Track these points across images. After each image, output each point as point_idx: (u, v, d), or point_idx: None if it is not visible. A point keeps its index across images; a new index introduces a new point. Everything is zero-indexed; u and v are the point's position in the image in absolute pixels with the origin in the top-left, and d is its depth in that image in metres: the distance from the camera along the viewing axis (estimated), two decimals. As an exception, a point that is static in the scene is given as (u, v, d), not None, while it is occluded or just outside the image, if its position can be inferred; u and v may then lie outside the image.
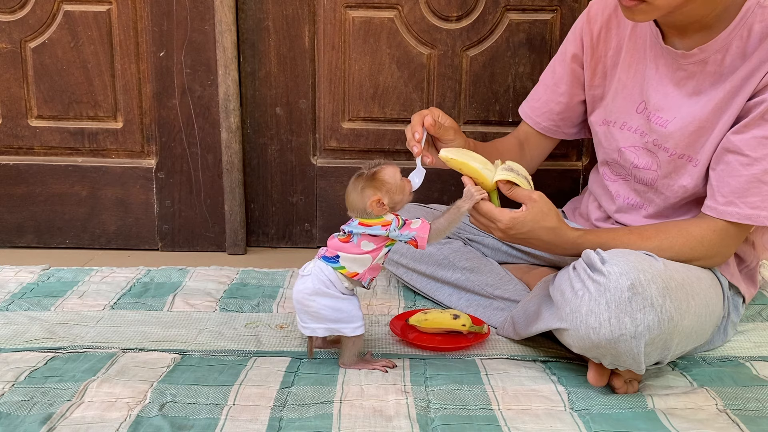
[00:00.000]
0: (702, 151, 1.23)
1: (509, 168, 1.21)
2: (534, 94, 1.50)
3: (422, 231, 1.17)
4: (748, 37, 1.16)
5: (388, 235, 1.18)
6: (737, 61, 1.18)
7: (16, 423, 1.04)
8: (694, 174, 1.25)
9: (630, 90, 1.32)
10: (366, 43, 1.84)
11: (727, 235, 1.22)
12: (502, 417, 1.08)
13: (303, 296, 1.21)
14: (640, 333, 1.06)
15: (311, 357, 1.27)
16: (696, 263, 1.22)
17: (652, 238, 1.21)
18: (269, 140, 1.91)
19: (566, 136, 1.51)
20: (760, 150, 1.15)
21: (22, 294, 1.56)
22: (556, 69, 1.45)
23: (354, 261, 1.19)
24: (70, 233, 1.94)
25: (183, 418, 1.06)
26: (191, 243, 1.95)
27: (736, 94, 1.18)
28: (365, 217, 1.18)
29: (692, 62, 1.22)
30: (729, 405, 1.12)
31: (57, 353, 1.28)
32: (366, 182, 1.17)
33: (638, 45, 1.30)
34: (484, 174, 1.20)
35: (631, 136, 1.33)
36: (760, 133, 1.15)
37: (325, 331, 1.22)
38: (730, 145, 1.18)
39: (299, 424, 1.05)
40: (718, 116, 1.20)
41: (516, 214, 1.18)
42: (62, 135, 1.89)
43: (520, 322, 1.31)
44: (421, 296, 1.57)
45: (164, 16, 1.80)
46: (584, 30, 1.38)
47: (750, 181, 1.17)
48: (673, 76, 1.25)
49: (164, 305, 1.51)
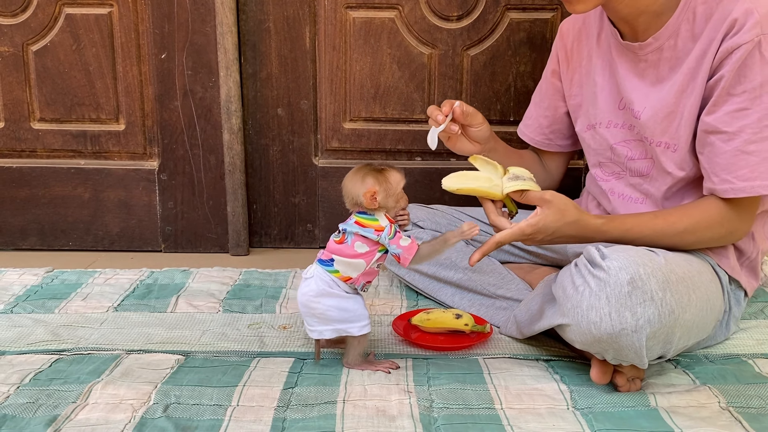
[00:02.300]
0: (676, 135, 1.26)
1: (514, 177, 1.22)
2: (527, 113, 1.59)
3: (408, 252, 1.18)
4: (694, 19, 1.21)
5: (379, 241, 1.18)
6: (689, 44, 1.22)
7: (21, 425, 1.04)
8: (677, 159, 1.28)
9: (608, 90, 1.37)
10: (367, 43, 1.84)
11: (739, 211, 1.24)
12: (505, 416, 1.09)
13: (308, 299, 1.21)
14: (641, 327, 1.06)
15: (318, 359, 1.27)
16: (718, 242, 1.26)
17: (676, 223, 1.23)
18: (271, 141, 1.91)
19: (561, 149, 1.56)
20: (735, 123, 1.18)
21: (26, 296, 1.56)
22: (542, 86, 1.55)
23: (348, 265, 1.19)
24: (73, 235, 1.95)
25: (187, 419, 1.07)
26: (194, 244, 1.95)
27: (695, 75, 1.22)
28: (354, 206, 1.19)
29: (649, 52, 1.27)
30: (732, 403, 1.12)
31: (61, 355, 1.28)
32: (371, 172, 1.18)
33: (604, 48, 1.37)
34: (494, 192, 1.21)
35: (619, 132, 1.36)
36: (730, 108, 1.18)
37: (332, 332, 1.22)
38: (707, 126, 1.21)
39: (303, 425, 1.06)
40: (682, 99, 1.24)
41: (533, 220, 1.19)
42: (64, 137, 1.90)
43: (522, 320, 1.32)
44: (423, 296, 1.57)
45: (165, 18, 1.80)
46: (558, 46, 1.49)
47: (734, 154, 1.19)
48: (636, 68, 1.30)
49: (167, 307, 1.51)
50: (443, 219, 1.59)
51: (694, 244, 1.25)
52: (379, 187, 1.17)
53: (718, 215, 1.23)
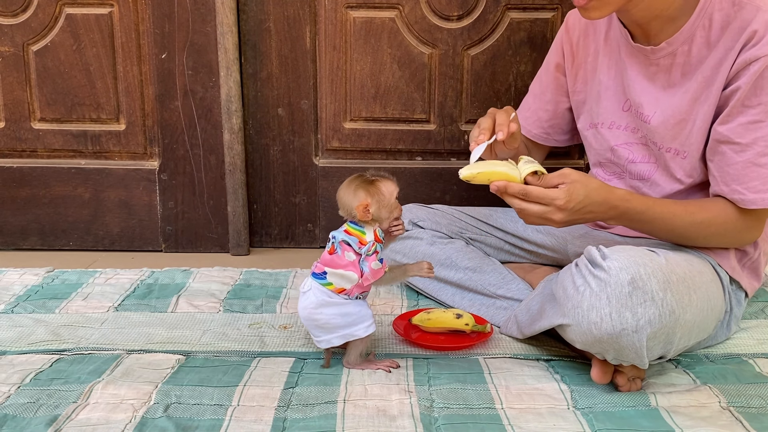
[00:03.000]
0: (687, 143, 1.26)
1: (528, 161, 1.19)
2: (524, 104, 1.56)
3: (374, 274, 1.19)
4: (710, 26, 1.20)
5: (359, 252, 1.19)
6: (704, 51, 1.21)
7: (22, 425, 1.05)
8: (686, 166, 1.28)
9: (613, 91, 1.35)
10: (367, 43, 1.84)
11: (752, 219, 1.24)
12: (505, 416, 1.09)
13: (309, 312, 1.22)
14: (642, 327, 1.06)
15: (327, 366, 1.25)
16: (725, 241, 1.27)
17: (695, 213, 1.23)
18: (271, 141, 1.91)
19: (558, 143, 1.55)
20: (748, 135, 1.18)
21: (27, 296, 1.56)
22: (542, 79, 1.52)
23: (341, 277, 1.19)
24: (73, 235, 1.95)
25: (188, 419, 1.07)
26: (194, 244, 1.95)
27: (710, 84, 1.21)
28: (348, 216, 1.20)
29: (662, 56, 1.25)
30: (732, 402, 1.12)
31: (62, 355, 1.28)
32: (362, 184, 1.19)
33: (613, 47, 1.35)
34: (513, 174, 1.17)
35: (621, 134, 1.36)
36: (744, 119, 1.18)
37: (339, 339, 1.22)
38: (720, 136, 1.21)
39: (303, 425, 1.06)
40: (695, 107, 1.23)
41: (566, 186, 1.14)
42: (65, 137, 1.90)
43: (523, 320, 1.32)
44: (423, 296, 1.58)
45: (166, 18, 1.80)
46: (564, 39, 1.45)
47: (746, 166, 1.19)
48: (646, 71, 1.29)
49: (168, 306, 1.51)
50: (443, 219, 1.59)
51: (706, 237, 1.25)
52: (371, 199, 1.18)
53: (734, 216, 1.24)
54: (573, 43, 1.43)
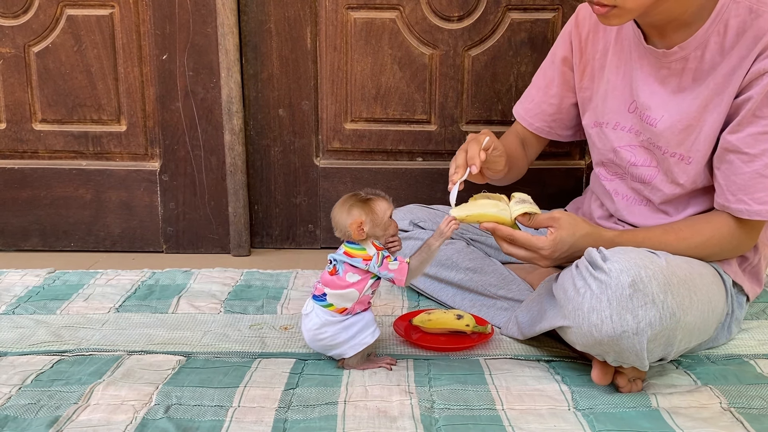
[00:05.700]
0: (693, 149, 1.25)
1: (520, 200, 1.22)
2: (527, 96, 1.53)
3: (400, 273, 1.19)
4: (725, 32, 1.18)
5: (368, 269, 1.19)
6: (717, 57, 1.20)
7: (23, 426, 1.05)
8: (690, 172, 1.27)
9: (620, 91, 1.34)
10: (368, 43, 1.84)
11: (748, 230, 1.25)
12: (506, 417, 1.09)
13: (313, 334, 1.22)
14: (642, 329, 1.06)
15: (341, 365, 1.25)
16: (722, 256, 1.28)
17: (688, 239, 1.24)
18: (272, 142, 1.91)
19: (560, 138, 1.53)
20: (758, 146, 1.17)
21: (28, 297, 1.56)
22: (547, 71, 1.48)
23: (341, 297, 1.19)
24: (74, 236, 1.95)
25: (188, 420, 1.07)
26: (195, 245, 1.96)
27: (722, 91, 1.20)
28: (344, 236, 1.20)
29: (674, 60, 1.24)
30: (733, 403, 1.12)
31: (63, 356, 1.28)
32: (357, 203, 1.18)
33: (623, 47, 1.33)
34: (502, 216, 1.21)
35: (625, 136, 1.35)
36: (755, 129, 1.17)
37: (350, 349, 1.22)
38: (729, 144, 1.20)
39: (304, 425, 1.06)
40: (705, 114, 1.22)
41: (552, 236, 1.19)
42: (66, 138, 1.90)
43: (523, 321, 1.32)
44: (424, 297, 1.57)
45: (166, 20, 1.81)
46: (573, 33, 1.42)
47: (753, 177, 1.19)
48: (657, 74, 1.27)
49: (169, 307, 1.51)
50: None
51: (702, 257, 1.25)
52: (365, 218, 1.17)
53: (729, 233, 1.24)
54: (582, 37, 1.40)
